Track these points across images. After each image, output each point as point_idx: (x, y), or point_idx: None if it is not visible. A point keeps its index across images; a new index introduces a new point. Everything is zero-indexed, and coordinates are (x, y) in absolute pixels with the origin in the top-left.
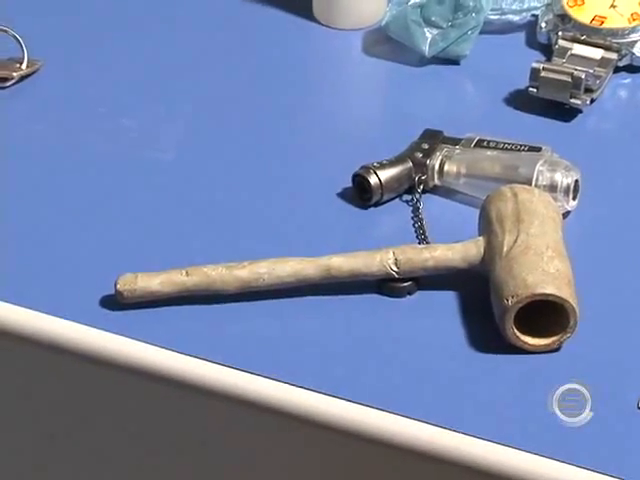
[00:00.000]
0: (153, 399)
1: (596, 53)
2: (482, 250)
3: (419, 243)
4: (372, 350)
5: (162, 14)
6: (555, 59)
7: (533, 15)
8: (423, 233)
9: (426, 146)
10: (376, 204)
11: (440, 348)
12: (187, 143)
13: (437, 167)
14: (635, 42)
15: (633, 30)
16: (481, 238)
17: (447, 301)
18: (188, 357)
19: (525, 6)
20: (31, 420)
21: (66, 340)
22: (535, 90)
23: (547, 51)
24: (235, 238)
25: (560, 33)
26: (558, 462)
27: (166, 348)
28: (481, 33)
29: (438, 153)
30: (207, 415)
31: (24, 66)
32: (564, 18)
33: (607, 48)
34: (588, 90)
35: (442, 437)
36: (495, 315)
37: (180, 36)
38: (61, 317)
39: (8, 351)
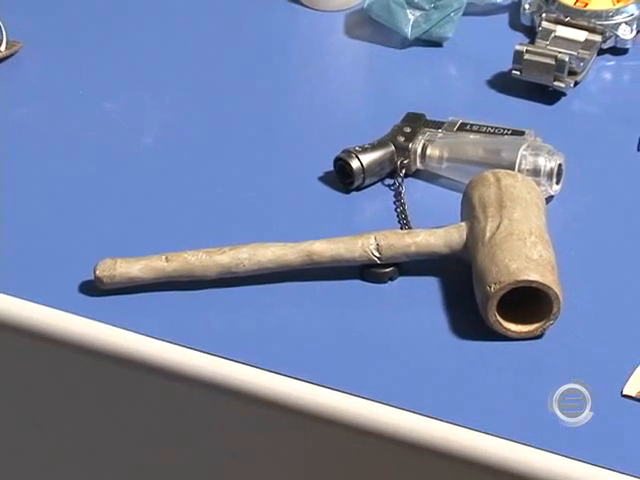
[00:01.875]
0: (132, 386)
1: (580, 35)
2: (464, 236)
3: (401, 228)
4: (353, 336)
5: (146, 1)
6: (538, 41)
7: None
8: (405, 218)
9: (408, 130)
10: (358, 188)
11: (422, 334)
12: (169, 127)
13: (419, 151)
14: (619, 24)
15: (617, 12)
16: (463, 224)
17: (429, 287)
18: (167, 344)
19: None
20: (10, 407)
21: (44, 326)
22: (518, 73)
23: (531, 33)
24: (216, 223)
25: (544, 15)
26: (542, 451)
27: (145, 335)
28: (464, 15)
29: (420, 137)
30: (188, 402)
31: (3, 47)
32: None
33: (591, 30)
34: (572, 73)
35: (424, 425)
36: (477, 301)
37: (163, 19)
38: (39, 303)
39: None
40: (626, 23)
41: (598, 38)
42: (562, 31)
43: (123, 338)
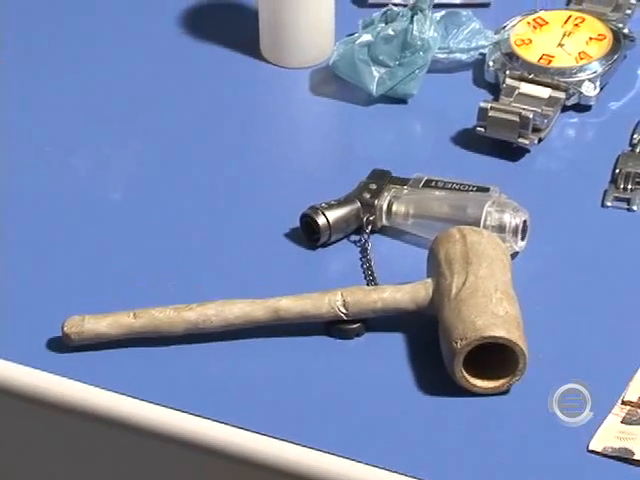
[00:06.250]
0: (100, 442)
1: (544, 92)
2: (431, 292)
3: (367, 284)
4: (320, 392)
5: (110, 54)
6: (503, 98)
7: (481, 54)
8: (372, 274)
9: (374, 186)
10: (324, 245)
11: (388, 391)
12: (135, 183)
13: (385, 207)
14: (583, 81)
15: (580, 69)
16: (429, 280)
17: (396, 343)
18: (135, 400)
19: (473, 45)
20: None
21: (12, 382)
22: (483, 130)
23: (495, 90)
24: (183, 279)
25: (508, 72)
26: None
27: (113, 391)
28: (429, 72)
29: (386, 193)
30: (155, 457)
31: None
32: (512, 57)
33: (555, 87)
34: (536, 130)
35: None
36: (444, 357)
37: (128, 75)
38: (7, 359)
39: None
40: (589, 80)
41: (562, 95)
42: (526, 88)
43: (91, 394)
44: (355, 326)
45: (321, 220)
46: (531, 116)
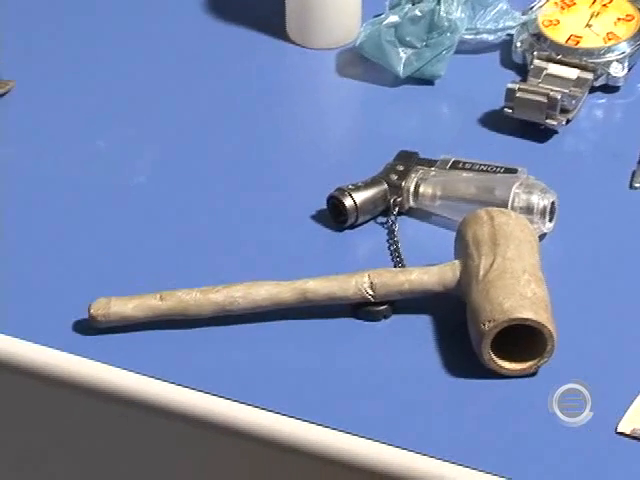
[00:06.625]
0: (126, 424)
1: (572, 73)
2: (458, 273)
3: (395, 266)
4: (347, 374)
5: (135, 36)
6: (530, 79)
7: (508, 35)
8: (399, 256)
9: (401, 168)
10: (351, 226)
11: (416, 372)
12: (160, 166)
13: (412, 189)
14: (611, 62)
15: (609, 50)
16: (457, 261)
17: (423, 324)
18: (161, 382)
19: (500, 25)
20: (1, 445)
21: (39, 364)
22: (510, 111)
23: (522, 71)
24: (210, 262)
25: (535, 53)
26: None
27: (140, 373)
28: (456, 53)
29: (413, 175)
30: (181, 440)
31: None
32: (539, 37)
33: (583, 68)
34: (564, 110)
35: (417, 462)
36: (472, 339)
37: (153, 58)
38: (34, 342)
39: None
40: (617, 61)
41: (590, 76)
42: (554, 69)
43: (117, 376)
44: (382, 308)
45: (348, 202)
46: (559, 97)
